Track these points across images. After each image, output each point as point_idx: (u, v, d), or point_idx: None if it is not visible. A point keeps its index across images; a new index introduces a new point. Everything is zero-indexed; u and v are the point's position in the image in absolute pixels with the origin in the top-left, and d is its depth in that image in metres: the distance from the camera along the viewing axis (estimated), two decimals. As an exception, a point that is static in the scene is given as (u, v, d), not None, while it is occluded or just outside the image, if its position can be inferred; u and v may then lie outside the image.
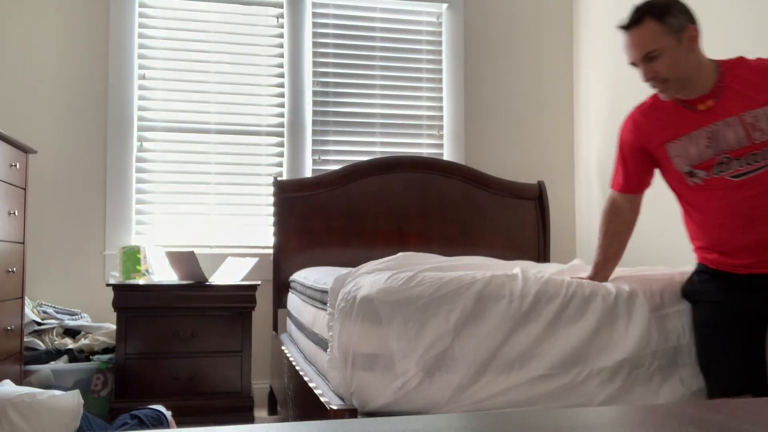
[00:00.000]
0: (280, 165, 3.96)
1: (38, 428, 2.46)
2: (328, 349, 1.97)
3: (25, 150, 3.13)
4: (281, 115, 3.97)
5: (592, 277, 2.04)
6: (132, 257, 3.36)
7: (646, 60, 1.90)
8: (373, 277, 1.85)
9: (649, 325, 1.83)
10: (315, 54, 4.03)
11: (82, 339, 3.34)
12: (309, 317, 2.55)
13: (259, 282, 3.33)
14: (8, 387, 2.57)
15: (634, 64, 1.95)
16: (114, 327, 3.28)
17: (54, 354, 3.20)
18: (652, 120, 2.03)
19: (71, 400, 2.61)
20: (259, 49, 3.98)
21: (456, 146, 4.15)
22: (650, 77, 1.93)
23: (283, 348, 3.05)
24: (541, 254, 3.96)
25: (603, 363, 1.78)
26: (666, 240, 3.36)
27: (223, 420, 3.05)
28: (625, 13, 3.75)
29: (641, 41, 1.89)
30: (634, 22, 1.91)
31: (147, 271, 3.41)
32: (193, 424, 2.92)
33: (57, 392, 2.62)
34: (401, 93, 4.14)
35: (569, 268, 2.24)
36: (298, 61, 3.99)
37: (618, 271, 2.16)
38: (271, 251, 3.70)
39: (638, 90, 3.61)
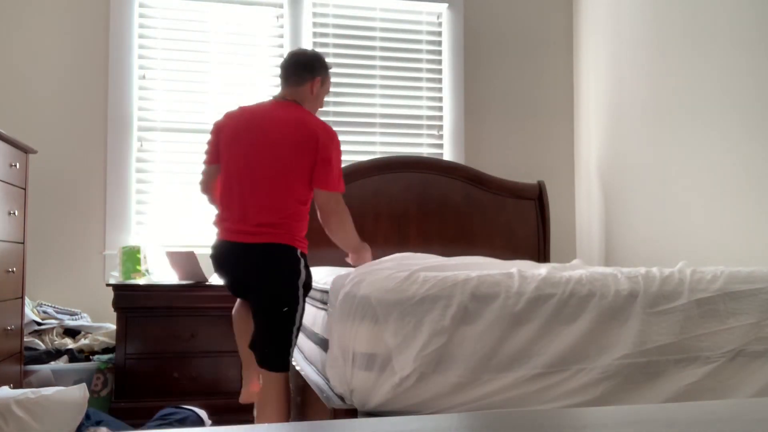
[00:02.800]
0: (280, 165, 3.95)
1: (45, 423, 2.47)
2: (328, 349, 1.97)
3: (25, 150, 3.13)
4: (281, 115, 3.97)
5: None
6: (132, 257, 3.36)
7: None
8: (371, 277, 1.86)
9: (645, 323, 1.84)
10: (315, 54, 4.03)
11: (82, 339, 3.34)
12: (309, 317, 2.55)
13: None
14: (6, 391, 2.57)
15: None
16: (114, 327, 3.29)
17: (54, 354, 3.20)
18: None
19: (77, 393, 2.63)
20: (259, 49, 3.98)
21: (456, 146, 4.15)
22: None
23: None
24: (541, 254, 3.96)
25: (601, 361, 1.78)
26: (662, 240, 3.36)
27: (223, 420, 3.05)
28: (625, 14, 3.76)
29: None
30: None
31: (147, 271, 3.41)
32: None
33: (63, 387, 2.65)
34: (401, 93, 4.14)
35: (562, 268, 2.24)
36: (298, 61, 3.98)
37: (613, 270, 2.16)
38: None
39: (638, 91, 3.62)
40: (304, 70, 2.44)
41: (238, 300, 2.50)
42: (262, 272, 2.27)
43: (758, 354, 1.89)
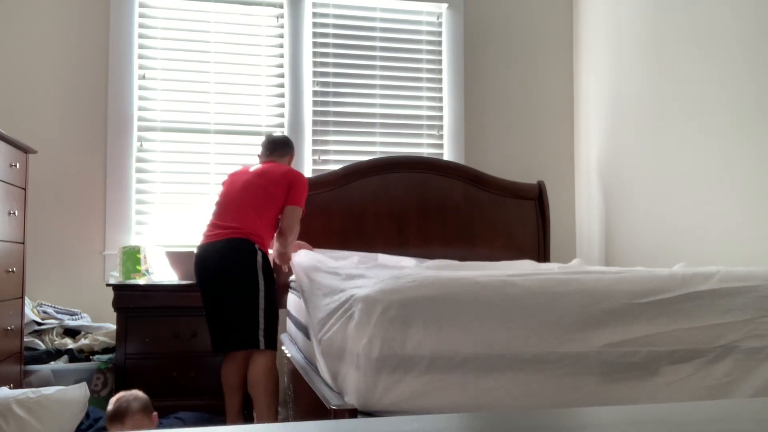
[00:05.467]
0: (280, 165, 3.96)
1: (46, 422, 2.48)
2: (327, 349, 1.97)
3: (25, 150, 3.13)
4: (281, 115, 3.97)
5: None
6: (132, 257, 3.36)
7: None
8: (368, 279, 1.87)
9: (636, 318, 1.84)
10: (315, 54, 4.03)
11: (82, 339, 3.34)
12: (307, 316, 2.55)
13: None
14: (5, 391, 2.57)
15: None
16: (114, 327, 3.29)
17: (54, 354, 3.19)
18: None
19: (78, 392, 2.64)
20: (259, 49, 3.99)
21: (456, 146, 4.15)
22: None
23: (283, 348, 3.05)
24: (541, 254, 3.96)
25: (591, 356, 1.78)
26: (662, 240, 3.36)
27: (223, 420, 3.05)
28: (625, 14, 3.76)
29: None
30: None
31: (147, 271, 3.41)
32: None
33: (63, 387, 2.65)
34: (401, 93, 4.14)
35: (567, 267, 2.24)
36: (298, 61, 3.99)
37: (618, 270, 2.16)
38: (270, 251, 3.70)
39: (638, 91, 3.62)
40: (285, 147, 3.27)
41: (225, 358, 2.97)
42: (224, 259, 2.85)
43: (755, 351, 1.88)
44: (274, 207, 2.99)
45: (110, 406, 2.48)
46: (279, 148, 3.26)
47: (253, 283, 2.82)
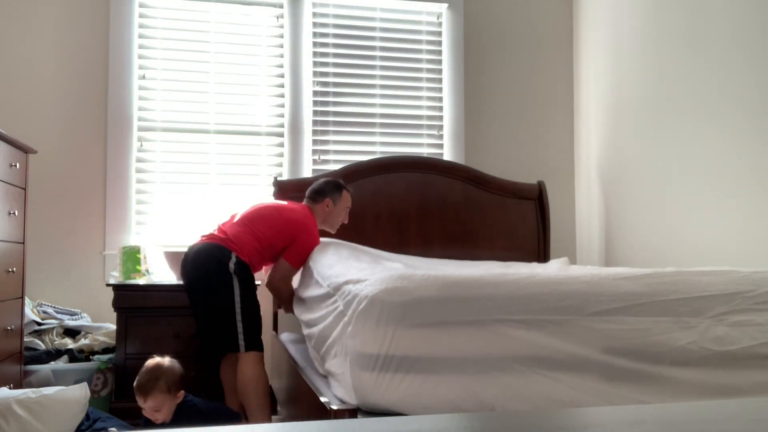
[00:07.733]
0: (280, 165, 3.96)
1: (46, 422, 2.48)
2: (328, 349, 1.97)
3: (25, 150, 3.13)
4: (281, 115, 3.97)
5: None
6: (132, 257, 3.36)
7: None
8: (371, 280, 1.86)
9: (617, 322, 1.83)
10: (315, 54, 4.03)
11: (82, 339, 3.34)
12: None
13: (259, 282, 3.33)
14: (5, 391, 2.57)
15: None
16: (114, 327, 3.29)
17: (54, 354, 3.19)
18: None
19: (78, 392, 2.64)
20: (259, 49, 3.98)
21: (456, 146, 4.15)
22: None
23: (283, 348, 3.05)
24: (541, 254, 3.96)
25: (582, 360, 1.78)
26: (662, 240, 3.36)
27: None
28: (625, 14, 3.76)
29: None
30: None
31: (147, 271, 3.41)
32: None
33: (64, 387, 2.65)
34: (401, 93, 4.14)
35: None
36: (298, 61, 3.99)
37: (635, 272, 2.15)
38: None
39: (638, 90, 3.62)
40: (318, 194, 3.16)
41: (223, 359, 3.04)
42: (197, 264, 2.85)
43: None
44: (271, 245, 2.95)
45: (139, 377, 2.57)
46: (314, 194, 3.18)
47: (228, 287, 2.80)
